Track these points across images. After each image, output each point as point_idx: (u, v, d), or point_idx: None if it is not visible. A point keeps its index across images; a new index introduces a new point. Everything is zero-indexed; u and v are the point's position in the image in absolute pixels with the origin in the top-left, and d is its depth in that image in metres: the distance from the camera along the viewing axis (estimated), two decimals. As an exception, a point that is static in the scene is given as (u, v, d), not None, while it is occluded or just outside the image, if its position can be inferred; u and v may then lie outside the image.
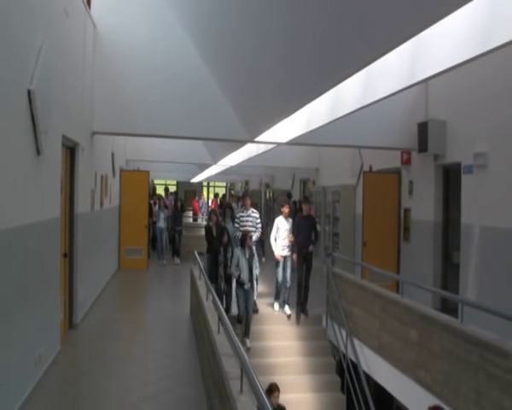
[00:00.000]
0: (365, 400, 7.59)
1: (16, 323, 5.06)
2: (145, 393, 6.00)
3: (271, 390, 6.15)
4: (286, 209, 9.50)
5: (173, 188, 31.78)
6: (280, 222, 9.48)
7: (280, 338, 9.01)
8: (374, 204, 11.15)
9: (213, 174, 25.86)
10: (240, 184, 36.31)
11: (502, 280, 7.41)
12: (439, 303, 9.27)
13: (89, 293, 9.45)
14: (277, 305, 9.48)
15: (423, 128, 9.36)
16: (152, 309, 10.77)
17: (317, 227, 10.03)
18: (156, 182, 32.01)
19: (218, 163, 18.30)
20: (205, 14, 7.13)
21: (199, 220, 25.54)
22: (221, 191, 42.39)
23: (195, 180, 33.38)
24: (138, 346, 7.98)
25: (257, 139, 9.78)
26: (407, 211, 10.73)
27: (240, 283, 8.60)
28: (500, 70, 7.44)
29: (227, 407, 4.17)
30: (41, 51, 5.56)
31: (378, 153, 11.40)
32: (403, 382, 6.72)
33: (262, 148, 13.14)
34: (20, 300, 5.19)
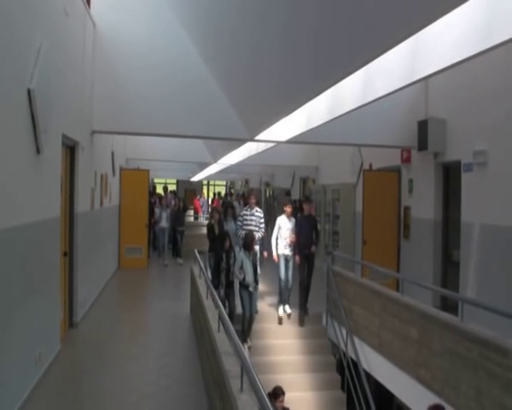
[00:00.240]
0: (365, 398, 7.60)
1: (16, 322, 5.06)
2: (145, 391, 6.00)
3: (276, 394, 6.06)
4: (289, 209, 9.40)
5: (173, 187, 31.76)
6: (282, 221, 9.37)
7: (280, 336, 9.02)
8: (374, 202, 11.15)
9: (213, 173, 25.83)
10: (240, 183, 36.30)
11: (502, 278, 7.41)
12: (439, 301, 9.28)
13: (89, 292, 9.45)
14: (281, 310, 9.25)
15: (423, 126, 9.36)
16: (152, 308, 10.77)
17: (318, 226, 9.90)
18: (156, 181, 32.02)
19: (218, 162, 18.27)
20: (203, 11, 7.12)
21: (200, 219, 25.54)
22: (221, 190, 42.38)
23: (195, 179, 33.36)
24: (138, 345, 7.97)
25: (257, 138, 9.77)
26: (407, 209, 10.73)
27: (244, 285, 8.48)
28: (500, 68, 7.43)
29: (227, 406, 4.17)
30: (41, 50, 5.56)
31: (378, 151, 11.40)
32: (403, 380, 6.72)
33: (262, 146, 13.13)
34: (21, 299, 5.20)
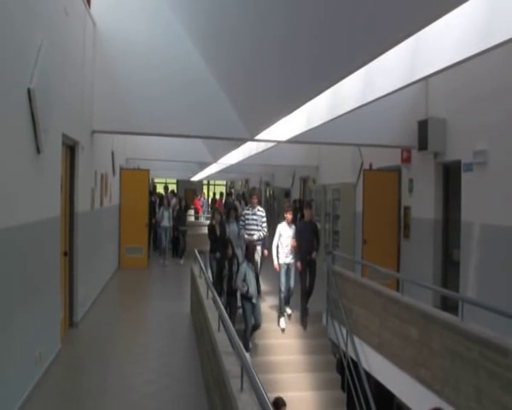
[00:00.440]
0: (365, 398, 7.60)
1: (17, 322, 5.06)
2: (145, 391, 5.99)
3: (278, 406, 6.02)
4: (289, 216, 9.20)
5: (173, 187, 31.74)
6: (282, 228, 9.17)
7: (280, 336, 9.01)
8: (374, 202, 11.15)
9: (213, 172, 25.85)
10: (240, 183, 36.31)
11: (502, 278, 7.41)
12: (440, 301, 9.28)
13: (89, 292, 9.45)
14: (283, 321, 9.04)
15: (423, 126, 9.36)
16: (152, 307, 10.77)
17: (319, 232, 9.76)
18: (156, 180, 32.01)
19: (219, 161, 18.28)
20: (203, 11, 7.13)
21: (200, 219, 25.53)
22: (222, 190, 42.38)
23: (195, 179, 33.37)
24: (138, 344, 7.97)
25: (257, 137, 9.77)
26: (407, 209, 10.73)
27: (247, 297, 8.30)
28: (500, 67, 7.43)
29: (227, 406, 4.17)
30: (41, 50, 5.56)
31: (378, 151, 11.40)
32: (403, 380, 6.72)
33: (262, 146, 13.14)
34: (21, 299, 5.20)
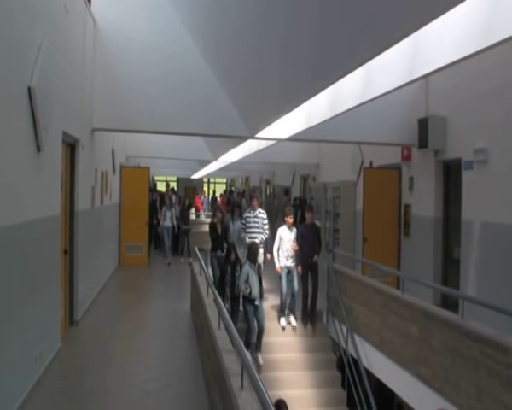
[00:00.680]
0: (366, 396, 7.60)
1: (17, 320, 5.06)
2: (146, 389, 6.00)
3: (279, 407, 5.97)
4: (290, 219, 9.06)
5: (173, 184, 31.75)
6: (283, 232, 9.04)
7: (281, 334, 9.01)
8: (374, 200, 11.15)
9: (214, 170, 25.88)
10: (240, 181, 36.32)
11: (502, 276, 7.41)
12: (440, 299, 9.28)
13: (89, 290, 9.46)
14: (284, 320, 9.02)
15: (424, 124, 9.35)
16: (152, 306, 10.78)
17: (321, 235, 9.60)
18: (157, 178, 32.01)
19: (219, 159, 18.28)
20: (203, 8, 7.12)
21: (201, 217, 25.54)
22: (222, 188, 42.38)
23: (196, 176, 33.40)
24: (139, 342, 7.98)
25: (257, 135, 9.76)
26: (407, 207, 10.73)
27: (249, 299, 8.15)
28: (500, 65, 7.42)
29: (228, 404, 4.17)
30: (41, 48, 5.55)
31: (378, 149, 11.40)
32: (403, 378, 6.72)
33: (262, 144, 13.14)
34: (21, 297, 5.19)
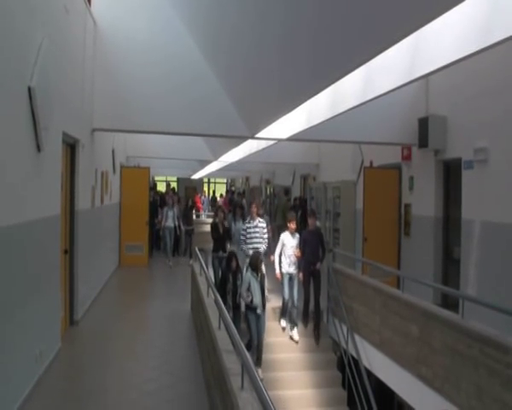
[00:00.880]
0: (366, 395, 7.60)
1: (17, 320, 5.06)
2: (146, 389, 6.00)
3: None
4: (293, 225, 8.95)
5: (173, 184, 31.75)
6: (286, 238, 8.94)
7: (281, 335, 9.01)
8: (374, 200, 11.15)
9: (214, 170, 25.87)
10: (240, 181, 36.32)
11: (502, 275, 7.40)
12: (440, 299, 9.28)
13: (89, 290, 9.46)
14: (284, 321, 8.97)
15: (424, 123, 9.35)
16: (152, 305, 10.77)
17: (324, 241, 9.47)
18: (157, 178, 32.02)
19: (219, 159, 18.28)
20: (203, 8, 7.12)
21: (201, 217, 25.53)
22: (222, 188, 42.39)
23: (196, 177, 33.39)
24: (139, 342, 7.98)
25: (257, 135, 9.76)
26: (407, 206, 10.73)
27: (251, 308, 7.98)
28: (501, 64, 7.42)
29: (228, 404, 4.17)
30: (41, 48, 5.55)
31: (378, 148, 11.40)
32: (404, 377, 6.73)
33: (262, 144, 13.13)
34: (21, 297, 5.19)
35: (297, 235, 9.04)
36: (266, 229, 9.53)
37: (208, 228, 10.84)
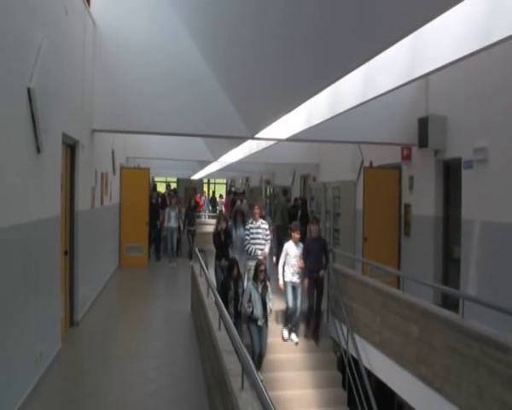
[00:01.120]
0: (366, 395, 7.60)
1: (17, 321, 5.06)
2: (146, 390, 6.00)
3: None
4: (296, 235, 8.81)
5: (173, 185, 31.75)
6: (290, 247, 8.80)
7: (280, 335, 9.00)
8: (374, 200, 11.15)
9: (214, 171, 25.87)
10: (240, 181, 36.31)
11: (502, 275, 7.40)
12: (440, 298, 9.28)
13: (89, 291, 9.45)
14: (286, 332, 8.84)
15: (424, 123, 9.35)
16: (152, 306, 10.77)
17: (328, 249, 9.28)
18: (157, 179, 32.02)
19: (219, 160, 18.27)
20: (202, 8, 7.12)
21: (202, 218, 25.52)
22: (222, 188, 42.41)
23: (196, 177, 33.39)
24: (139, 343, 7.98)
25: (257, 136, 9.75)
26: (407, 206, 10.72)
27: (253, 319, 7.89)
28: (500, 64, 7.42)
29: (228, 404, 4.17)
30: (41, 49, 5.55)
31: (378, 148, 11.39)
32: (404, 377, 6.72)
33: (262, 144, 13.13)
34: (21, 298, 5.19)
35: (301, 244, 8.88)
36: (269, 230, 9.42)
37: (208, 228, 10.79)
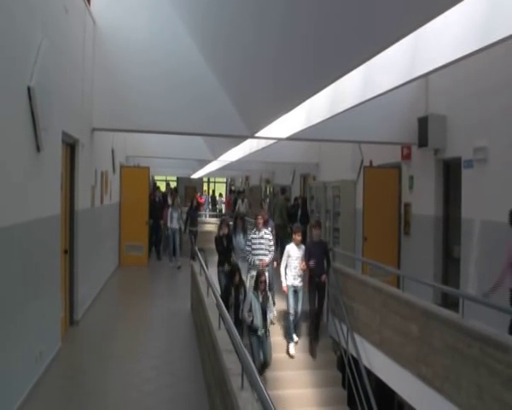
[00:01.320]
0: (366, 395, 7.60)
1: (17, 320, 5.06)
2: (146, 389, 6.00)
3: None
4: (298, 237, 8.74)
5: (173, 184, 31.74)
6: (291, 249, 8.71)
7: (280, 334, 9.00)
8: (374, 199, 11.15)
9: (214, 170, 25.87)
10: (240, 180, 36.31)
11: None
12: (440, 298, 9.28)
13: (89, 290, 9.45)
14: (292, 347, 8.60)
15: (423, 123, 9.35)
16: (152, 305, 10.76)
17: (330, 253, 9.23)
18: (156, 178, 32.00)
19: (219, 159, 18.27)
20: (202, 7, 7.12)
21: (202, 217, 25.51)
22: (222, 187, 42.40)
23: (196, 176, 33.38)
24: (139, 342, 7.98)
25: (257, 135, 9.75)
26: (407, 206, 10.73)
27: (253, 329, 7.72)
28: (500, 63, 7.42)
29: (228, 404, 4.17)
30: (41, 48, 5.55)
31: (378, 148, 11.39)
32: (404, 377, 6.72)
33: (262, 143, 13.13)
34: (21, 297, 5.19)
35: (302, 246, 8.82)
36: (273, 241, 9.24)
37: (209, 227, 10.76)
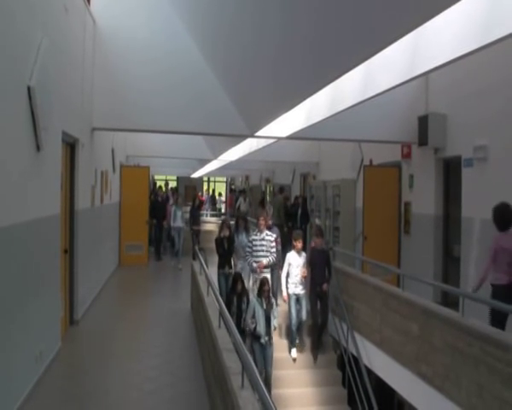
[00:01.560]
0: (366, 394, 7.60)
1: (17, 320, 5.06)
2: (146, 388, 6.00)
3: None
4: (299, 244, 8.55)
5: (173, 183, 31.73)
6: (292, 257, 8.55)
7: (281, 333, 9.00)
8: (374, 198, 11.14)
9: (214, 169, 25.86)
10: (240, 179, 36.29)
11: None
12: (440, 297, 9.27)
13: (89, 289, 9.45)
14: (294, 352, 8.50)
15: (423, 121, 9.35)
16: (152, 305, 10.77)
17: (331, 261, 9.09)
18: (156, 177, 31.99)
19: (219, 158, 18.27)
20: (202, 5, 7.11)
21: (203, 216, 25.50)
22: (222, 186, 42.38)
23: (196, 175, 33.35)
24: (139, 342, 7.98)
25: (257, 134, 9.75)
26: (407, 205, 10.72)
27: (255, 336, 7.49)
28: (500, 62, 7.41)
29: (228, 403, 4.17)
30: (41, 48, 5.55)
31: (378, 147, 11.38)
32: (404, 375, 6.72)
33: (262, 142, 13.13)
34: (21, 297, 5.19)
35: (303, 254, 8.69)
36: (275, 242, 9.04)
37: (209, 227, 10.74)
